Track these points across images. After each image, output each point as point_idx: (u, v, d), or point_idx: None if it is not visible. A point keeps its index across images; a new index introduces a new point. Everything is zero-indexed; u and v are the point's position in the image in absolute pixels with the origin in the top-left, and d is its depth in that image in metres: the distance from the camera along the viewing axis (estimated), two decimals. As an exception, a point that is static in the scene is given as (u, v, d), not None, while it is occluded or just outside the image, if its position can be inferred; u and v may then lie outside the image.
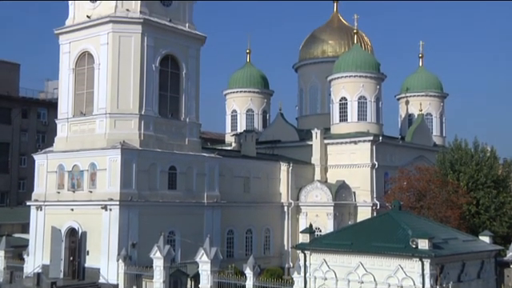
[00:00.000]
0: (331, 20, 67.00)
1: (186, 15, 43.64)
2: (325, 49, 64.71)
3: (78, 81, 41.73)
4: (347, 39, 63.88)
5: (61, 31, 42.65)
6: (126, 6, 40.34)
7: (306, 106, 65.36)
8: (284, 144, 56.07)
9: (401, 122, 66.80)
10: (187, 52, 43.16)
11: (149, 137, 39.81)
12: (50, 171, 41.46)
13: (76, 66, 41.82)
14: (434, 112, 66.24)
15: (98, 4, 41.21)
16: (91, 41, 40.91)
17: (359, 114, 55.79)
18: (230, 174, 46.35)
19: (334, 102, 57.06)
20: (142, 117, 39.68)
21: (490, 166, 44.68)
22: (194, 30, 43.71)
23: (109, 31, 39.84)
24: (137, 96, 39.66)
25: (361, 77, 55.99)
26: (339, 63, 57.36)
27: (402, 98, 66.86)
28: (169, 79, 42.03)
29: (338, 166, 53.30)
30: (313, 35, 66.54)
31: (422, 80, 66.70)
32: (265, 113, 65.40)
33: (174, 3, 42.85)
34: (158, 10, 41.66)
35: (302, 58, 66.34)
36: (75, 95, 41.69)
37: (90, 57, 40.99)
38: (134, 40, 39.99)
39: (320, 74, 62.22)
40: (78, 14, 42.28)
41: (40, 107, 71.58)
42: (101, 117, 39.52)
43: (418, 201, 42.73)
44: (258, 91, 64.77)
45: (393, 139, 57.36)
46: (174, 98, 42.25)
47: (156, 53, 40.96)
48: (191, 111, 43.09)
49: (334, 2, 67.66)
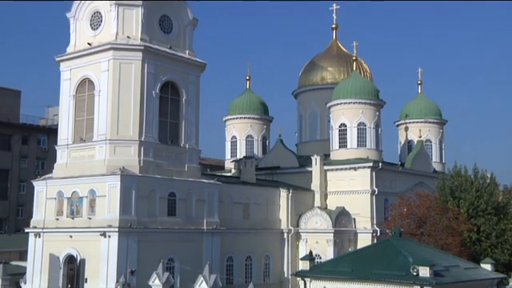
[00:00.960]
0: (330, 47, 67.54)
1: (187, 42, 43.99)
2: (324, 75, 65.12)
3: (78, 107, 41.86)
4: (346, 66, 64.33)
5: (62, 58, 42.94)
6: (127, 34, 40.69)
7: (306, 132, 65.49)
8: (284, 170, 56.01)
9: (400, 148, 66.88)
10: (187, 78, 43.39)
11: (148, 163, 39.78)
12: (49, 198, 41.32)
13: (76, 92, 42.00)
14: (433, 138, 66.41)
15: (100, 31, 41.57)
16: (92, 68, 41.17)
17: (359, 140, 55.88)
18: (229, 200, 46.21)
19: (333, 129, 57.18)
20: (142, 143, 39.71)
21: (490, 192, 44.62)
22: (194, 57, 44.02)
23: (109, 58, 40.11)
24: (137, 122, 39.75)
25: (360, 103, 56.22)
26: (338, 90, 57.63)
27: (401, 125, 67.08)
28: (169, 105, 42.18)
29: (338, 193, 53.17)
30: (312, 62, 67.01)
31: (421, 107, 67.02)
32: (264, 139, 65.48)
33: (174, 30, 43.24)
34: (158, 37, 42.01)
35: (302, 85, 66.71)
36: (75, 121, 41.79)
37: (91, 83, 41.20)
38: (135, 67, 40.24)
39: (319, 101, 62.49)
40: (79, 41, 42.63)
41: (40, 133, 71.67)
42: (101, 143, 39.55)
43: (418, 227, 42.54)
44: (257, 117, 64.95)
45: (392, 165, 57.34)
46: (173, 124, 42.34)
47: (156, 79, 41.18)
48: (191, 137, 43.14)
49: (333, 30, 68.27)
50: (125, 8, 40.83)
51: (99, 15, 41.75)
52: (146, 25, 41.11)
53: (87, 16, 42.47)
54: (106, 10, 41.20)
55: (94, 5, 41.94)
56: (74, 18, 42.97)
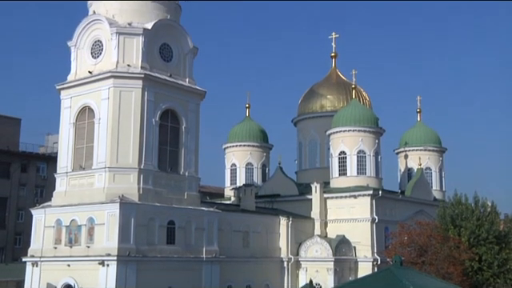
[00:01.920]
0: (330, 75, 67.96)
1: (187, 70, 44.23)
2: (323, 103, 65.39)
3: (78, 135, 41.89)
4: (345, 94, 64.63)
5: (62, 86, 43.12)
6: (127, 62, 40.93)
7: (306, 159, 65.46)
8: (283, 198, 55.82)
9: (400, 176, 66.77)
10: (187, 106, 43.53)
11: (148, 191, 39.64)
12: (47, 226, 41.06)
13: (76, 120, 42.08)
14: (433, 166, 66.36)
15: (100, 60, 41.84)
16: (92, 96, 41.32)
17: (358, 168, 55.84)
18: (229, 228, 45.93)
19: (333, 156, 57.18)
20: (142, 171, 39.63)
21: (492, 221, 44.37)
22: (194, 85, 44.23)
23: (110, 86, 40.29)
24: (136, 150, 39.73)
25: (359, 131, 56.34)
26: (338, 118, 57.80)
27: (400, 152, 67.09)
28: (168, 133, 42.22)
29: (338, 221, 52.91)
30: (311, 90, 67.35)
31: (421, 135, 67.14)
32: (264, 167, 65.39)
33: (174, 59, 43.52)
34: (158, 66, 42.26)
35: (301, 113, 66.93)
36: (75, 149, 41.76)
37: (91, 111, 41.30)
38: (135, 95, 40.40)
39: (319, 129, 62.61)
40: (79, 69, 42.86)
41: (39, 161, 71.56)
42: (100, 171, 39.46)
43: (419, 256, 42.19)
44: (257, 145, 64.96)
45: (392, 193, 57.17)
46: (173, 152, 42.32)
47: (156, 107, 41.31)
48: (190, 165, 43.08)
49: (333, 58, 68.78)
50: (125, 37, 41.18)
51: (100, 44, 42.08)
52: (146, 53, 41.40)
53: (88, 45, 42.80)
54: (106, 39, 41.54)
55: (95, 33, 42.30)
56: (75, 46, 43.29)
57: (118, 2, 42.26)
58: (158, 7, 43.10)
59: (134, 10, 42.29)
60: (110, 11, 42.08)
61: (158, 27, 42.11)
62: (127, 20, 41.64)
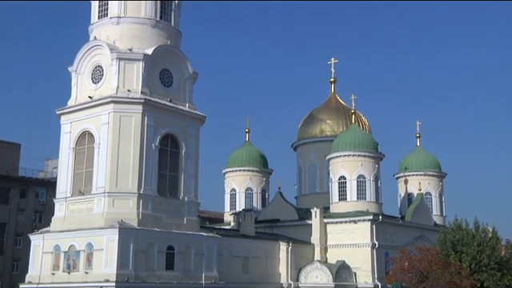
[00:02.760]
0: (329, 100, 68.26)
1: (187, 95, 44.40)
2: (323, 128, 65.52)
3: (77, 160, 41.86)
4: (345, 119, 64.81)
5: (63, 111, 43.24)
6: (128, 87, 41.10)
7: (305, 184, 65.35)
8: (283, 223, 55.57)
9: (400, 201, 66.59)
10: (187, 131, 43.60)
11: (147, 216, 39.47)
12: (45, 252, 40.77)
13: (76, 145, 42.09)
14: (433, 191, 66.24)
15: (101, 85, 42.02)
16: (92, 121, 41.40)
17: (358, 193, 55.72)
18: (228, 253, 45.62)
19: (332, 181, 57.10)
20: (141, 196, 39.51)
21: (493, 247, 44.11)
22: (194, 110, 44.35)
23: (110, 111, 40.40)
24: (136, 175, 39.67)
25: (359, 156, 56.36)
26: (337, 142, 57.87)
27: (400, 177, 67.02)
28: (168, 158, 42.21)
29: (338, 246, 52.61)
30: (311, 115, 67.55)
31: (420, 160, 67.15)
32: (264, 192, 65.25)
33: (174, 84, 43.72)
34: (158, 91, 42.43)
35: (301, 138, 67.02)
36: (74, 174, 41.69)
37: (91, 136, 41.34)
38: (135, 120, 40.48)
39: (319, 153, 62.64)
40: (80, 94, 43.03)
41: (39, 187, 71.34)
42: (99, 196, 39.35)
43: (420, 282, 41.88)
44: (257, 170, 64.90)
45: (393, 218, 56.96)
46: (173, 177, 42.24)
47: (156, 132, 41.36)
48: (190, 190, 42.97)
49: (332, 83, 69.14)
50: (126, 62, 41.43)
51: (100, 69, 42.32)
52: (146, 78, 41.61)
53: (89, 70, 43.04)
54: (107, 64, 41.79)
55: (96, 59, 42.58)
56: (75, 72, 43.53)
57: (118, 28, 42.65)
58: (159, 33, 43.45)
59: (134, 35, 42.63)
60: (110, 37, 42.42)
61: (158, 53, 42.41)
62: (128, 46, 41.95)
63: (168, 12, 44.58)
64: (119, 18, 42.82)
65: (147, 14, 43.16)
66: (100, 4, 44.10)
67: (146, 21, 43.09)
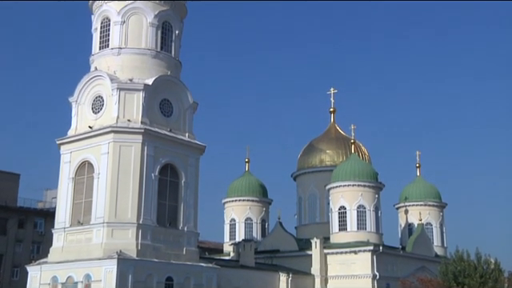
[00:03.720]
0: (329, 130, 68.43)
1: (186, 125, 44.51)
2: (323, 158, 65.52)
3: (77, 190, 41.71)
4: (345, 148, 64.86)
5: (63, 141, 43.27)
6: (128, 117, 41.23)
7: (305, 214, 65.07)
8: (283, 254, 55.16)
9: (401, 231, 66.22)
10: (187, 161, 43.57)
11: (146, 246, 39.16)
12: (42, 283, 40.31)
13: (76, 175, 42.01)
14: (433, 222, 65.91)
15: (101, 115, 42.15)
16: (92, 150, 41.39)
17: (358, 223, 55.44)
18: (228, 284, 45.10)
19: (332, 211, 56.87)
20: (140, 226, 39.27)
21: (495, 278, 43.70)
22: (193, 140, 44.40)
23: (110, 141, 40.43)
24: (135, 205, 39.49)
25: (359, 186, 56.23)
26: (337, 172, 57.80)
27: (401, 208, 66.78)
28: (168, 188, 42.08)
29: (339, 277, 52.13)
30: (311, 145, 67.63)
31: (421, 190, 66.99)
32: (263, 222, 64.92)
33: (174, 114, 43.86)
34: (158, 120, 42.55)
35: (301, 167, 66.97)
36: (73, 204, 41.49)
37: (90, 166, 41.29)
38: (135, 149, 40.49)
39: (318, 183, 62.52)
40: (80, 124, 43.13)
41: (37, 217, 71.06)
42: (98, 226, 39.10)
43: (422, 313, 41.38)
44: (256, 200, 64.68)
45: (393, 249, 56.55)
46: (172, 207, 42.05)
47: (156, 162, 41.33)
48: (189, 220, 42.74)
49: (331, 113, 69.41)
50: (126, 92, 41.63)
51: (101, 99, 42.51)
52: (146, 108, 41.76)
53: (89, 100, 43.23)
54: (107, 95, 42.00)
55: (97, 89, 42.80)
56: (76, 102, 43.71)
57: (119, 59, 42.98)
58: (159, 63, 43.77)
59: (135, 66, 42.95)
60: (111, 67, 42.74)
61: (158, 83, 42.67)
62: (128, 76, 42.22)
63: (168, 43, 45.02)
64: (120, 49, 43.20)
65: (148, 45, 43.57)
66: (101, 35, 44.55)
67: (146, 51, 43.47)
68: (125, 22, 43.57)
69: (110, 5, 44.20)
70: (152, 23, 43.87)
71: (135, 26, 43.67)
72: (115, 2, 44.01)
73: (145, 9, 43.86)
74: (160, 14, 44.32)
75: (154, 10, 44.13)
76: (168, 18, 45.07)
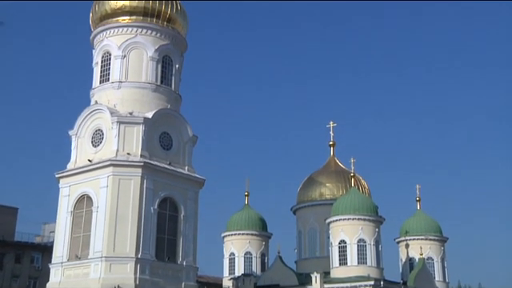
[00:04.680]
0: (328, 163, 68.33)
1: (186, 158, 44.47)
2: (323, 191, 65.25)
3: (75, 224, 41.45)
4: (344, 182, 64.64)
5: (62, 175, 43.18)
6: (127, 150, 41.22)
7: (305, 248, 64.50)
8: (283, 289, 54.42)
9: (401, 265, 65.52)
10: (186, 195, 43.39)
11: (144, 281, 38.69)
12: (39, 318, 39.77)
13: (74, 208, 41.80)
14: (435, 256, 65.28)
15: (100, 148, 42.16)
16: (91, 184, 41.27)
17: (359, 257, 54.87)
18: (227, 320, 44.50)
19: (333, 245, 56.37)
20: (139, 260, 38.86)
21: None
22: (193, 173, 44.30)
23: (109, 174, 40.35)
24: (134, 239, 39.16)
25: (359, 219, 55.83)
26: (337, 206, 57.48)
27: (401, 242, 66.21)
28: (167, 221, 41.81)
29: (340, 312, 51.32)
30: (310, 178, 67.43)
31: (421, 224, 66.53)
32: (263, 256, 64.28)
33: (174, 147, 43.88)
34: (158, 154, 42.52)
35: (300, 201, 66.64)
36: (71, 238, 41.18)
37: (89, 199, 41.10)
38: (134, 183, 40.36)
39: (318, 217, 62.13)
40: (79, 158, 43.10)
41: (35, 251, 70.37)
42: (96, 260, 38.70)
43: None
44: (256, 234, 64.14)
45: (394, 284, 55.84)
46: (171, 241, 41.70)
47: (155, 195, 41.16)
48: (188, 254, 42.34)
49: (331, 147, 69.44)
50: (126, 126, 41.74)
51: (101, 133, 42.57)
52: (146, 141, 41.80)
53: (89, 133, 43.29)
54: (107, 128, 42.07)
55: (97, 123, 42.92)
56: (76, 135, 43.79)
57: (119, 92, 43.23)
58: (159, 97, 44.00)
59: (135, 99, 43.16)
60: (111, 101, 42.94)
61: (158, 116, 42.80)
62: (128, 109, 42.38)
63: (168, 76, 45.34)
64: (120, 83, 43.48)
65: (148, 79, 43.87)
66: (102, 69, 44.90)
67: (146, 85, 43.74)
68: (125, 56, 43.97)
69: (111, 39, 44.68)
70: (152, 57, 44.26)
71: (136, 60, 44.06)
72: (116, 36, 44.52)
73: (145, 43, 44.32)
74: (160, 49, 44.74)
75: (155, 44, 44.58)
76: (168, 52, 45.49)
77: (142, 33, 44.44)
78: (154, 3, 44.85)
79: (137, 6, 44.55)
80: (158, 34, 44.88)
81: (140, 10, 44.56)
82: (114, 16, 44.82)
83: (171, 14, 45.56)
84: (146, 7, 44.64)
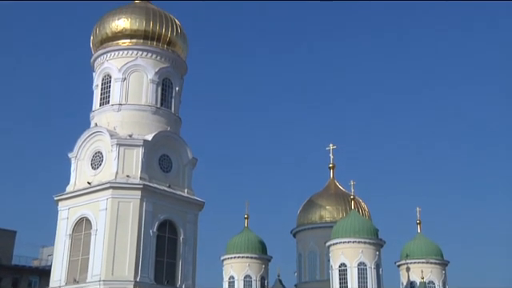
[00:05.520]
0: (328, 186, 68.28)
1: (186, 181, 44.30)
2: (322, 214, 65.12)
3: (73, 247, 41.07)
4: (344, 205, 64.55)
5: (61, 197, 42.93)
6: (127, 172, 41.08)
7: (305, 272, 64.11)
8: (283, 313, 53.93)
9: (403, 289, 65.03)
10: (185, 217, 43.15)
11: (143, 305, 38.30)
12: None
13: (73, 231, 41.46)
14: (436, 280, 64.81)
15: (100, 171, 42.02)
16: (90, 206, 41.03)
17: (359, 280, 54.55)
18: None
19: (333, 269, 56.02)
20: (137, 283, 38.43)
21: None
22: (192, 196, 44.11)
23: (108, 197, 40.14)
24: (133, 262, 38.81)
25: (359, 242, 55.60)
26: (337, 229, 57.26)
27: (402, 265, 65.79)
28: (166, 244, 41.47)
29: (341, 337, 50.77)
30: (310, 201, 67.32)
31: (422, 247, 66.18)
32: (263, 279, 63.77)
33: (173, 169, 43.74)
34: (157, 176, 42.38)
35: (300, 224, 66.44)
36: (70, 262, 40.75)
37: (88, 222, 40.82)
38: (133, 205, 40.15)
39: (318, 240, 61.89)
40: (79, 180, 42.92)
41: (32, 275, 69.83)
42: (94, 284, 38.28)
43: None
44: (256, 257, 63.76)
45: (396, 308, 55.39)
46: (170, 264, 41.33)
47: (154, 218, 40.90)
48: (187, 277, 41.94)
49: (331, 169, 69.42)
50: (126, 148, 41.66)
51: (100, 155, 42.49)
52: (145, 164, 41.68)
53: (89, 156, 43.19)
54: (107, 150, 42.01)
55: (96, 145, 42.83)
56: (75, 157, 43.67)
57: (119, 115, 43.23)
58: (159, 119, 44.02)
59: (135, 122, 43.15)
60: (111, 123, 42.94)
61: (158, 139, 42.77)
62: (128, 132, 42.35)
63: (168, 99, 45.42)
64: (120, 105, 43.53)
65: (148, 101, 43.94)
66: (102, 92, 44.97)
67: (146, 108, 43.79)
68: (126, 78, 44.11)
69: (111, 62, 44.86)
70: (152, 80, 44.41)
71: (136, 82, 44.18)
72: (117, 59, 44.71)
73: (146, 66, 44.49)
74: (161, 71, 44.92)
75: (155, 67, 44.75)
76: (168, 74, 45.66)
77: (142, 56, 44.65)
78: (154, 26, 45.14)
79: (137, 30, 44.84)
80: (158, 57, 45.08)
81: (140, 33, 44.85)
82: (115, 39, 45.09)
83: (171, 37, 45.83)
84: (146, 30, 44.93)
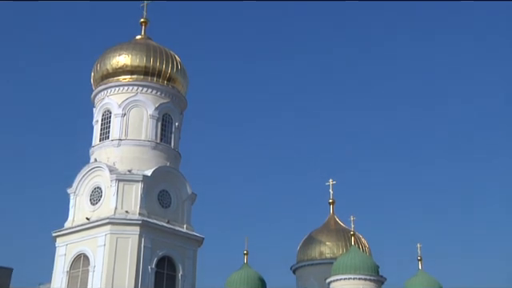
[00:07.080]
0: (328, 222, 67.83)
1: (185, 216, 44.08)
2: (322, 250, 64.55)
3: (71, 284, 40.54)
4: (344, 241, 64.03)
5: (59, 234, 42.66)
6: (126, 208, 40.92)
7: (306, 309, 63.19)
8: None
9: (405, 327, 64.01)
10: (184, 253, 42.79)
11: None
12: None
13: (70, 268, 41.06)
14: (438, 318, 63.91)
15: (99, 206, 41.86)
16: (88, 243, 40.73)
17: (361, 318, 53.73)
18: None
19: (334, 306, 55.24)
20: (135, 322, 37.95)
21: None
22: (191, 231, 43.82)
23: (107, 233, 39.88)
24: (131, 300, 38.34)
25: (360, 279, 54.92)
26: (338, 265, 56.66)
27: (403, 302, 64.98)
28: (164, 280, 40.98)
29: None
30: (310, 236, 66.83)
31: (423, 284, 65.22)
32: (263, 319, 62.74)
33: (172, 205, 43.58)
34: (156, 212, 42.18)
35: (300, 260, 65.81)
36: (67, 299, 40.30)
37: (86, 259, 40.45)
38: (132, 241, 39.84)
39: (318, 276, 61.17)
40: (77, 216, 42.70)
41: (27, 315, 68.68)
42: (92, 322, 37.77)
43: None
44: (255, 294, 62.88)
45: None
46: (169, 302, 40.83)
47: (153, 254, 40.55)
48: (186, 315, 41.38)
49: (330, 205, 69.11)
50: (125, 183, 41.59)
51: (99, 190, 42.38)
52: (144, 199, 41.54)
53: (88, 191, 43.08)
54: (106, 186, 41.92)
55: (95, 180, 42.77)
56: (74, 193, 43.56)
57: (119, 150, 43.29)
58: (158, 155, 44.06)
59: (134, 157, 43.19)
60: (111, 159, 42.96)
61: (157, 174, 42.72)
62: (127, 167, 42.33)
63: (168, 134, 45.57)
64: (120, 141, 43.63)
65: (148, 137, 44.06)
66: (102, 127, 45.15)
67: (146, 143, 43.88)
68: (125, 114, 44.34)
69: (111, 98, 45.17)
70: (152, 115, 44.62)
71: (136, 118, 44.39)
72: (117, 95, 45.04)
73: (146, 102, 44.77)
74: (160, 107, 45.17)
75: (155, 102, 45.03)
76: (168, 110, 45.90)
77: (142, 91, 44.99)
78: (154, 63, 45.58)
79: (138, 66, 45.28)
80: (158, 93, 45.40)
81: (141, 69, 45.27)
82: (115, 75, 45.48)
83: (171, 73, 46.25)
84: (146, 66, 45.36)
